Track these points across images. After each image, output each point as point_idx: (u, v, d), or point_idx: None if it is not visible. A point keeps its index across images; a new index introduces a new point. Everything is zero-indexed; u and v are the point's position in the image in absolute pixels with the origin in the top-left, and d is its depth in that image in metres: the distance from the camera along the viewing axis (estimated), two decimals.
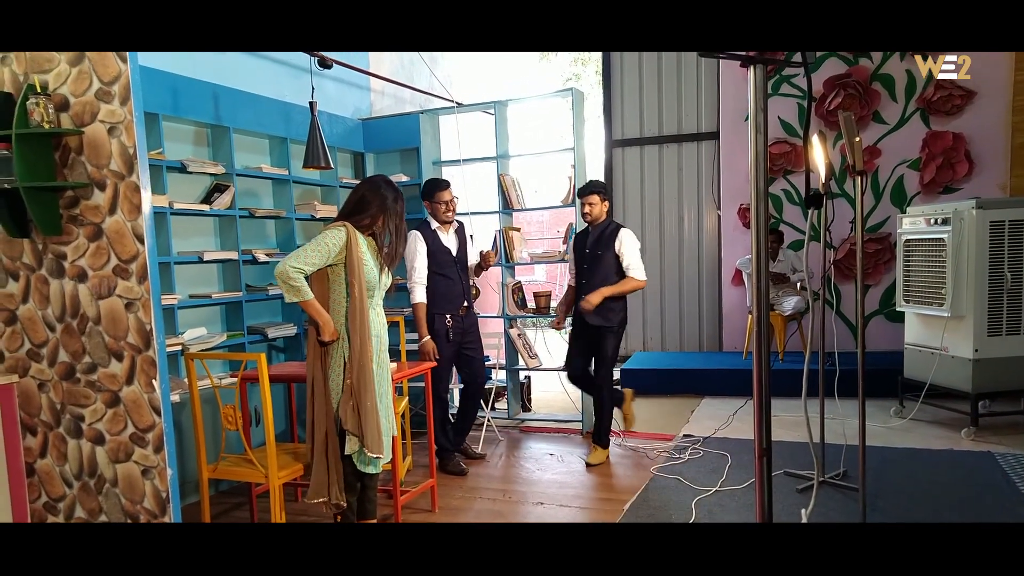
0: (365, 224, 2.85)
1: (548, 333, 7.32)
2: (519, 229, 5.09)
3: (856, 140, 2.81)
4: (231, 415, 2.81)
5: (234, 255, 3.97)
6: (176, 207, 3.62)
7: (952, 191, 6.00)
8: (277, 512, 2.83)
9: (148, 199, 2.46)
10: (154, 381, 2.50)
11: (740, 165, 6.61)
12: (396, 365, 3.59)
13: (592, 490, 3.77)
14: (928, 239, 4.52)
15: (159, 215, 3.49)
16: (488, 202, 5.23)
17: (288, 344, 4.45)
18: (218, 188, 3.92)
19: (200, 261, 3.82)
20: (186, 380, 3.07)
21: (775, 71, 6.21)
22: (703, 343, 7.23)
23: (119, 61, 2.40)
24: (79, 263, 2.57)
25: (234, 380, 3.03)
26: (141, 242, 2.45)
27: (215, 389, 2.86)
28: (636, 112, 7.31)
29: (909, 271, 4.69)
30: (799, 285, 5.90)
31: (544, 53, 12.54)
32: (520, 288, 5.05)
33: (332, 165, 4.15)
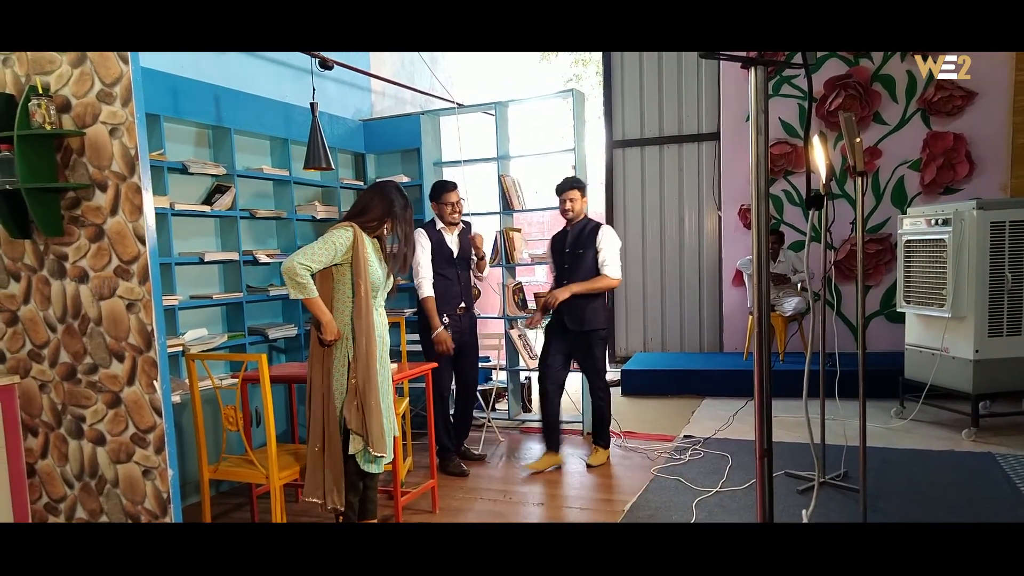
0: (372, 226, 2.87)
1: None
2: (520, 230, 5.09)
3: (857, 141, 2.81)
4: (232, 416, 2.81)
5: (235, 256, 3.98)
6: (177, 208, 3.63)
7: (953, 192, 6.00)
8: (278, 513, 2.83)
9: (149, 200, 2.46)
10: (155, 382, 2.51)
11: (740, 166, 6.61)
12: (397, 366, 3.59)
13: (593, 491, 3.78)
14: (929, 240, 4.52)
15: (160, 216, 3.49)
16: (489, 203, 5.23)
17: (289, 345, 4.46)
18: (219, 189, 3.92)
19: (201, 262, 3.83)
20: (187, 381, 3.07)
21: (775, 72, 6.21)
22: (703, 344, 7.23)
23: (120, 62, 2.40)
24: (80, 264, 2.58)
25: (235, 381, 3.03)
26: (142, 243, 2.46)
27: (216, 390, 2.86)
28: (637, 113, 7.32)
29: (910, 272, 4.69)
30: (800, 286, 5.90)
31: (545, 54, 12.54)
32: (521, 289, 5.05)
33: (333, 166, 4.16)
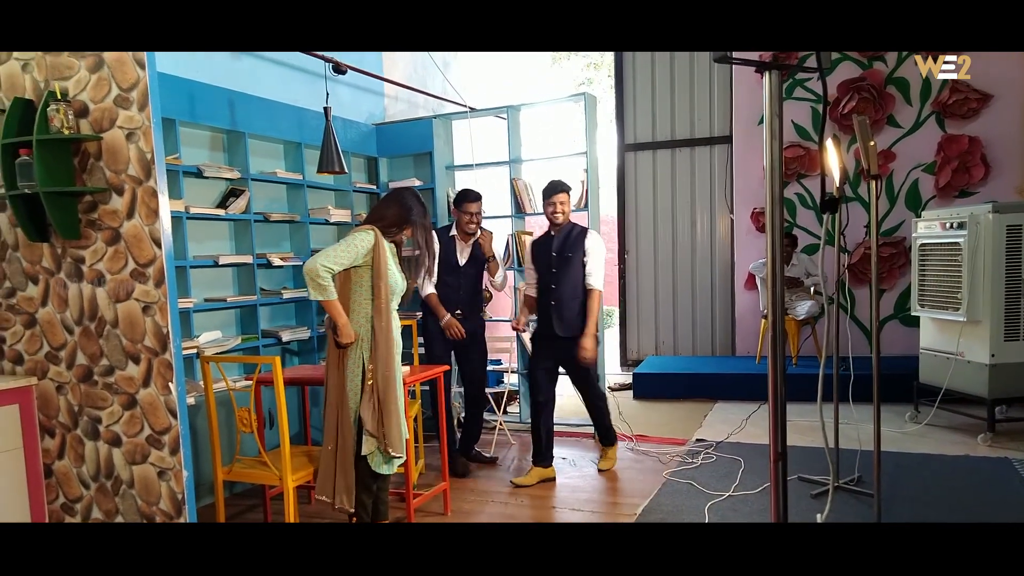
0: (391, 232, 2.92)
1: None
2: (531, 233, 5.10)
3: (871, 144, 2.80)
4: (246, 418, 2.83)
5: (249, 259, 4.01)
6: (192, 212, 3.66)
7: (968, 195, 5.95)
8: (291, 514, 2.84)
9: (165, 204, 2.49)
10: (170, 384, 2.53)
11: (753, 169, 6.58)
12: (409, 369, 3.60)
13: (605, 494, 3.77)
14: (944, 243, 4.48)
15: (175, 219, 3.52)
16: (501, 206, 5.24)
17: (302, 347, 4.48)
18: (233, 193, 3.96)
19: (215, 265, 3.86)
20: (201, 383, 3.09)
21: (788, 75, 6.18)
22: (716, 347, 7.20)
23: (137, 68, 2.43)
24: (97, 267, 2.61)
25: (249, 383, 3.05)
26: (158, 246, 2.48)
27: (230, 392, 2.88)
28: (648, 116, 7.30)
29: (924, 275, 4.66)
30: (813, 289, 5.87)
31: (556, 58, 12.55)
32: None
33: (346, 170, 4.18)
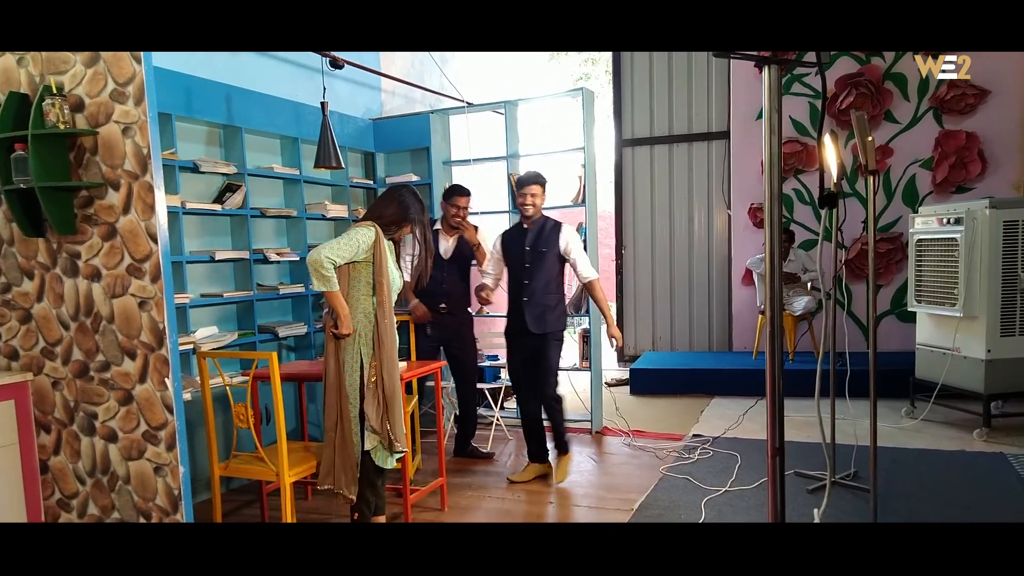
0: (391, 229, 2.94)
1: None
2: None
3: (869, 139, 2.80)
4: (242, 413, 2.83)
5: (245, 255, 4.00)
6: (188, 207, 3.65)
7: (965, 191, 5.95)
8: (288, 510, 2.84)
9: (161, 199, 2.48)
10: (166, 379, 2.52)
11: (751, 164, 6.58)
12: (406, 364, 3.60)
13: (601, 489, 3.78)
14: (940, 239, 4.49)
15: (171, 215, 3.50)
16: (498, 202, 5.23)
17: (298, 343, 4.48)
18: (230, 188, 3.94)
19: (212, 260, 3.85)
20: (198, 378, 3.09)
21: (786, 70, 6.18)
22: (713, 343, 7.21)
23: (133, 62, 2.42)
24: (93, 262, 2.60)
25: (245, 379, 3.05)
26: (154, 241, 2.47)
27: (227, 388, 2.88)
28: (646, 111, 7.30)
29: (921, 271, 4.66)
30: (810, 285, 5.87)
31: (554, 53, 12.52)
32: None
33: (343, 165, 4.17)
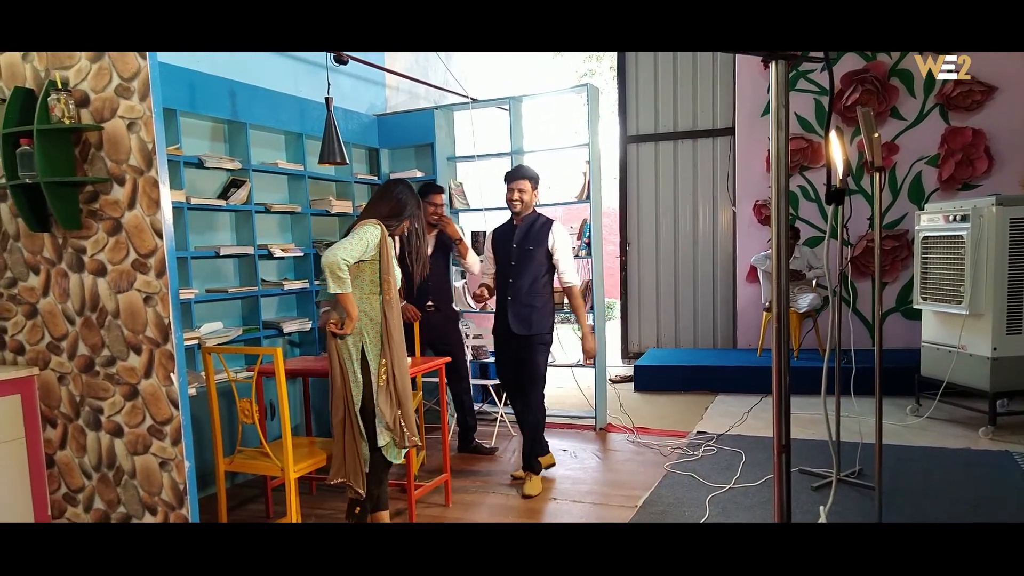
0: (391, 226, 2.95)
1: (560, 329, 7.29)
2: None
3: (875, 136, 2.78)
4: (247, 409, 2.84)
5: (250, 250, 4.00)
6: (193, 202, 3.65)
7: (971, 188, 5.93)
8: (292, 505, 2.85)
9: (167, 194, 2.48)
10: (172, 374, 2.53)
11: (756, 161, 6.56)
12: (411, 360, 3.60)
13: (605, 486, 3.77)
14: (946, 236, 4.47)
15: (176, 210, 3.50)
16: (502, 198, 5.22)
17: (303, 339, 4.48)
18: (234, 183, 3.95)
19: (216, 256, 3.85)
20: (203, 374, 3.09)
21: (793, 65, 6.15)
22: (717, 340, 7.20)
23: (139, 58, 2.42)
24: (98, 257, 2.60)
25: (250, 374, 3.05)
26: (159, 237, 2.48)
27: (232, 383, 2.89)
28: (651, 108, 7.28)
29: (927, 268, 4.65)
30: (815, 282, 5.86)
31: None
32: None
33: (347, 161, 4.17)
